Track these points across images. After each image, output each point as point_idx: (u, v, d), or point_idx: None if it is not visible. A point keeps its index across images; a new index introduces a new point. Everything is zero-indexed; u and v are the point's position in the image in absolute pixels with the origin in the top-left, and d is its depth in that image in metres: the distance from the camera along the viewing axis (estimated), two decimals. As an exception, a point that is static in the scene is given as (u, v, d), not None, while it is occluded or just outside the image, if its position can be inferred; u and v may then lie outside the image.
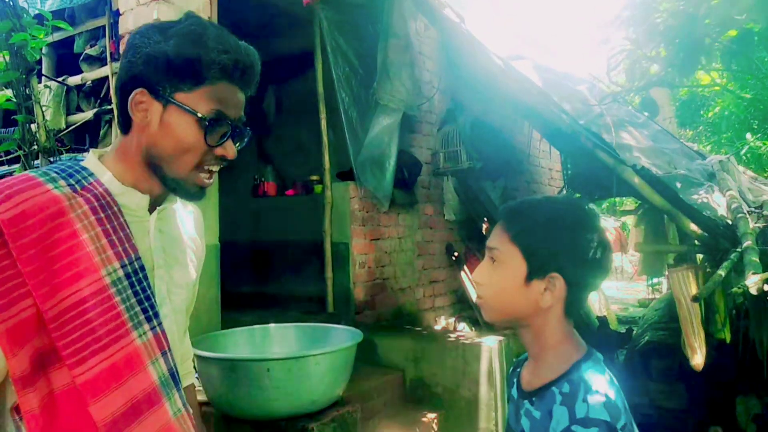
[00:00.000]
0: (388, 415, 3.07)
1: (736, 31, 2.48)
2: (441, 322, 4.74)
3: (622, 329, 5.96)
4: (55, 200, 0.87)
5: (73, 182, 0.92)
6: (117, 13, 2.89)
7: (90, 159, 1.00)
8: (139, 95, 0.94)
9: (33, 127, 2.51)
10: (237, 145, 1.02)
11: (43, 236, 0.84)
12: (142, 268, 0.95)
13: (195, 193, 1.00)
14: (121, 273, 0.91)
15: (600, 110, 4.15)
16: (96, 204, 0.92)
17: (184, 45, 0.92)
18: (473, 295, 4.85)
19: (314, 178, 4.64)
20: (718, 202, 3.39)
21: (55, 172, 0.92)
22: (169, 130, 0.94)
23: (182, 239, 1.11)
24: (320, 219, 3.98)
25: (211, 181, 1.01)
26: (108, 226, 0.92)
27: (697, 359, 2.96)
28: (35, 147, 2.51)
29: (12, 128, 3.26)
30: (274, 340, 2.66)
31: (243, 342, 2.63)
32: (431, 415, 3.09)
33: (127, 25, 2.83)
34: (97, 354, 0.86)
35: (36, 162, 2.54)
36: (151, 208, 1.02)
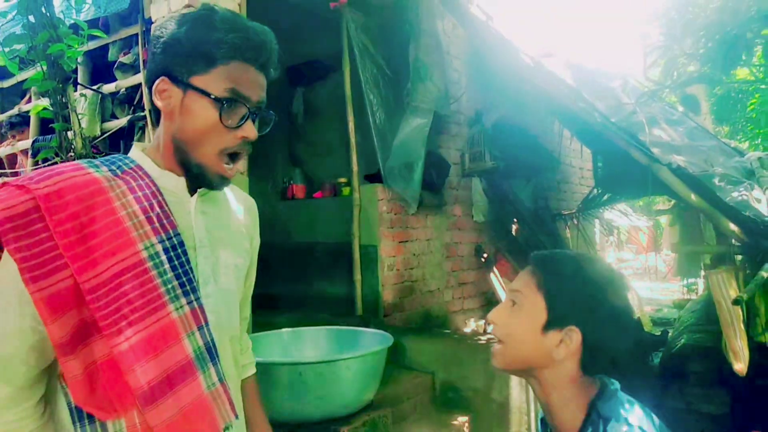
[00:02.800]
0: (418, 419, 3.06)
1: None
2: (471, 325, 4.70)
3: (657, 331, 5.81)
4: (93, 181, 0.92)
5: (115, 168, 0.97)
6: (150, 22, 2.93)
7: (133, 150, 1.05)
8: (161, 83, 0.98)
9: (69, 134, 2.57)
10: (261, 128, 1.03)
11: (79, 212, 0.88)
12: (182, 244, 0.97)
13: (217, 183, 1.02)
14: (159, 248, 0.94)
15: (633, 107, 4.07)
16: (134, 184, 0.96)
17: (195, 29, 0.95)
18: (503, 296, 4.79)
19: (342, 180, 4.65)
20: (758, 200, 3.29)
21: (100, 161, 0.99)
22: (190, 113, 0.97)
23: (231, 224, 1.13)
24: (348, 221, 3.99)
25: (233, 171, 1.02)
26: (146, 204, 0.95)
27: (740, 364, 2.87)
28: (72, 154, 2.57)
29: (49, 136, 3.35)
30: (305, 344, 2.68)
31: (275, 345, 2.65)
32: (462, 419, 3.06)
33: (159, 32, 2.88)
34: (134, 325, 0.88)
35: (73, 169, 2.60)
36: (194, 192, 1.05)
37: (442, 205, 4.52)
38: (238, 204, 1.18)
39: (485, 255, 4.90)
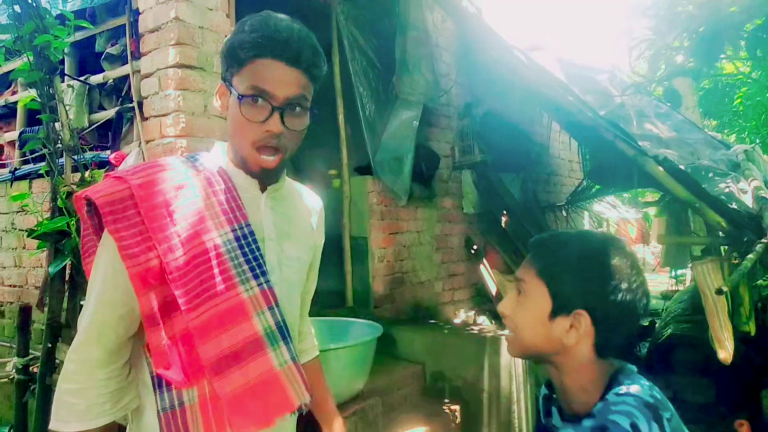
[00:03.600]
0: (408, 409, 3.08)
1: (761, 20, 2.42)
2: (460, 316, 4.74)
3: (645, 322, 5.89)
4: (179, 174, 1.06)
5: (198, 164, 1.11)
6: (137, 12, 2.91)
7: (215, 148, 1.17)
8: (220, 88, 1.11)
9: (57, 125, 2.55)
10: (293, 122, 1.07)
11: (166, 201, 1.01)
12: (252, 233, 1.08)
13: (257, 173, 1.11)
14: (231, 236, 1.05)
15: (621, 101, 4.10)
16: (213, 179, 1.09)
17: (232, 36, 1.06)
18: (492, 288, 4.83)
19: (332, 172, 4.65)
20: (743, 193, 3.33)
21: (186, 157, 1.13)
22: (229, 111, 1.08)
23: (297, 219, 1.23)
24: (339, 213, 3.99)
25: (272, 162, 1.08)
26: (222, 198, 1.07)
27: (725, 353, 2.91)
28: (59, 145, 2.55)
29: (36, 127, 3.32)
30: (294, 334, 2.69)
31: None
32: (452, 408, 3.09)
33: (147, 23, 2.85)
34: (207, 302, 0.99)
35: (60, 160, 2.58)
36: (264, 189, 1.15)
37: (432, 197, 4.53)
38: (306, 203, 1.28)
39: (475, 247, 4.93)
